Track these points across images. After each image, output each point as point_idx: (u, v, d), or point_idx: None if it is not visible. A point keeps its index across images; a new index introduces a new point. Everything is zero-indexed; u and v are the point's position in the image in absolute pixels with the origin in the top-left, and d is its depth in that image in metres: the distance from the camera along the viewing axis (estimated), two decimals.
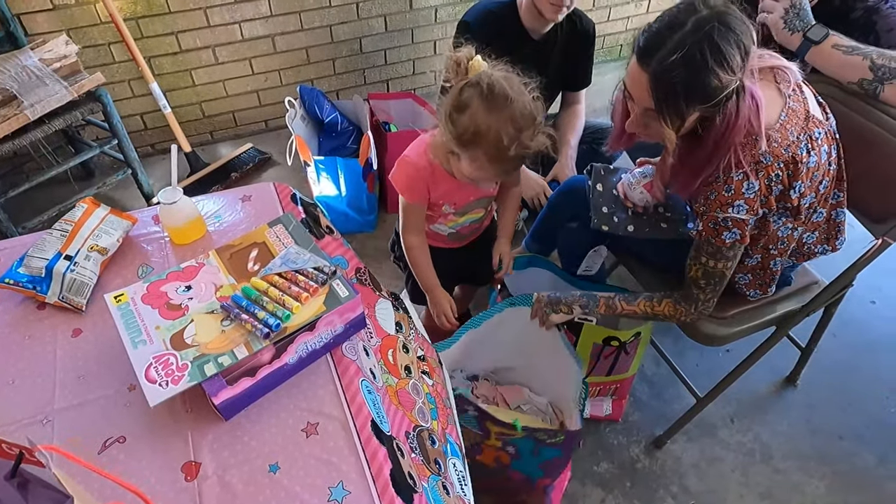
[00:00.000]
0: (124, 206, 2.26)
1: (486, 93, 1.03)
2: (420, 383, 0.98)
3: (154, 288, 0.90)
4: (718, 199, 1.08)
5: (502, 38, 1.82)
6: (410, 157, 1.23)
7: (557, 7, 1.67)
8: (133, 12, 2.09)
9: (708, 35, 0.92)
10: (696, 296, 1.21)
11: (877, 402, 1.71)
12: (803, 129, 1.09)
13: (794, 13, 1.27)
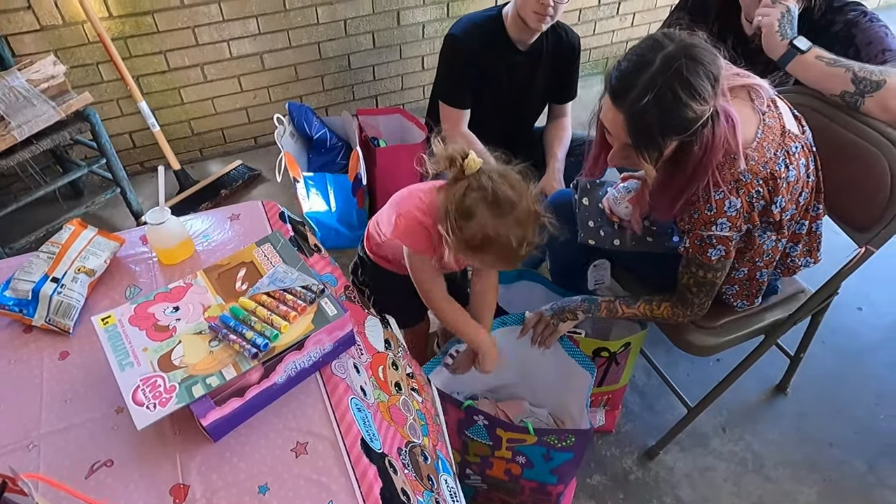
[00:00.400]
0: (113, 224, 2.26)
1: (492, 199, 1.00)
2: (410, 400, 0.99)
3: (141, 309, 0.90)
4: (701, 217, 1.09)
5: (490, 50, 1.86)
6: (415, 215, 1.14)
7: (541, 16, 1.71)
8: (121, 32, 2.10)
9: (677, 72, 0.94)
10: (690, 300, 1.24)
11: (865, 408, 1.72)
12: (780, 144, 1.10)
13: (787, 20, 1.30)
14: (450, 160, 1.02)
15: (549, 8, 1.69)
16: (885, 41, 1.35)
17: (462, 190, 1.01)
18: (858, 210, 1.28)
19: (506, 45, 1.87)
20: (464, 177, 1.02)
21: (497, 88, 1.95)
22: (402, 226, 1.14)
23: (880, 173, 1.23)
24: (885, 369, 1.82)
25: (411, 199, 1.18)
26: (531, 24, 1.74)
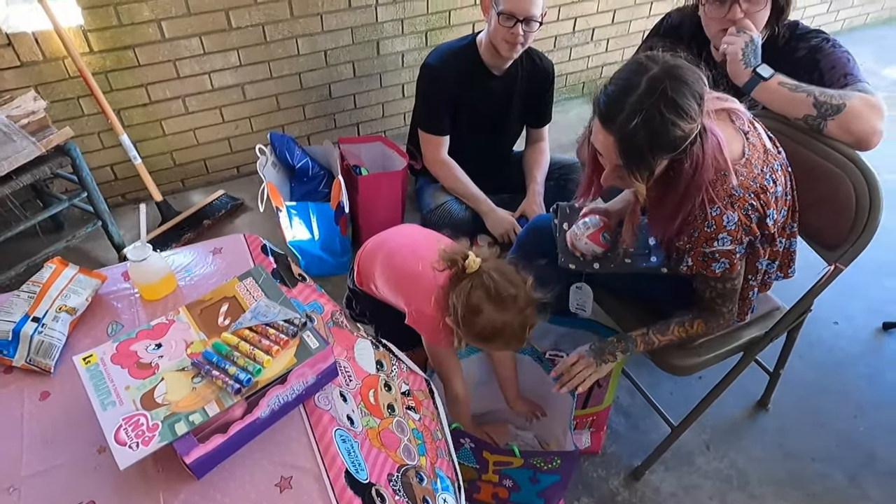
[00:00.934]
0: (95, 257, 2.25)
1: (494, 295, 1.10)
2: (405, 420, 0.99)
3: (124, 347, 0.90)
4: (701, 235, 1.12)
5: (465, 77, 1.91)
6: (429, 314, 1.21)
7: (512, 45, 1.77)
8: (102, 66, 2.12)
9: (663, 93, 0.97)
10: (719, 310, 1.27)
11: (845, 421, 1.75)
12: (765, 161, 1.15)
13: (751, 49, 1.36)
14: (451, 262, 1.11)
15: (519, 37, 1.75)
16: (846, 66, 1.41)
17: (467, 289, 1.10)
18: (826, 229, 1.32)
19: (481, 71, 1.92)
20: (466, 276, 1.11)
21: (474, 114, 2.00)
22: (420, 323, 1.25)
23: (845, 193, 1.28)
24: (863, 382, 1.85)
25: (419, 290, 1.23)
26: (503, 52, 1.80)
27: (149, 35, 2.12)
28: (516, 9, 1.72)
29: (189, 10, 2.11)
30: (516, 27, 1.75)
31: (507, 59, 1.88)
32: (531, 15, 1.74)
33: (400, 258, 1.31)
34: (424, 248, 1.28)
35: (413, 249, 1.30)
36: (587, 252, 1.41)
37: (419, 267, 1.23)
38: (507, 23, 1.74)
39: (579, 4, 2.83)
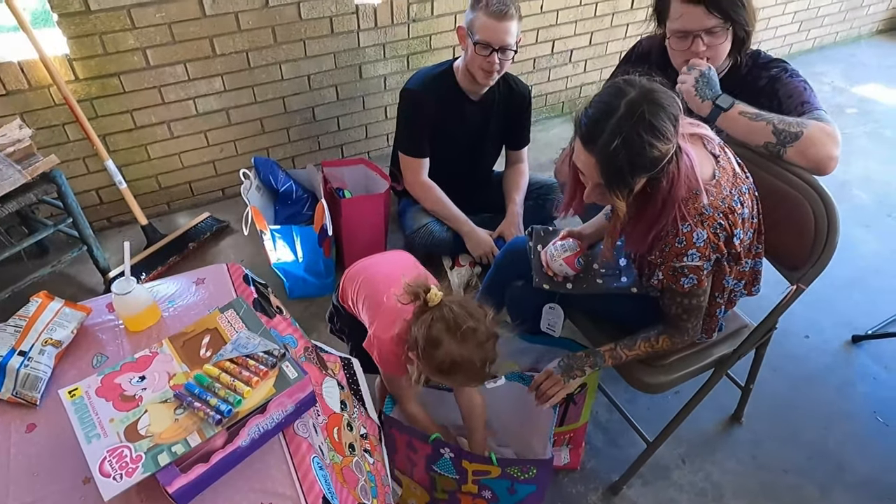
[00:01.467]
0: (80, 281, 2.26)
1: (454, 328, 1.12)
2: (363, 461, 1.03)
3: (108, 380, 0.93)
4: (672, 250, 1.18)
5: (444, 101, 1.97)
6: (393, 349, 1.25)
7: (488, 73, 1.84)
8: (87, 94, 2.15)
9: (641, 116, 1.03)
10: (684, 326, 1.32)
11: (816, 432, 1.80)
12: (733, 184, 1.21)
13: (703, 82, 1.42)
14: (414, 295, 1.14)
15: (495, 65, 1.82)
16: (803, 94, 1.48)
17: (428, 321, 1.12)
18: (788, 250, 1.38)
19: (459, 96, 1.98)
20: (428, 309, 1.13)
21: (453, 137, 2.06)
22: (379, 351, 1.29)
23: (804, 216, 1.34)
24: (833, 394, 1.91)
25: (381, 317, 1.28)
26: (479, 79, 1.87)
27: (134, 63, 2.16)
28: (491, 39, 1.79)
29: (174, 38, 2.16)
30: (492, 56, 1.81)
31: (483, 86, 1.95)
32: (506, 44, 1.81)
33: (374, 284, 1.36)
34: (397, 278, 1.31)
35: (389, 277, 1.35)
36: (561, 273, 1.46)
37: (386, 295, 1.27)
38: (483, 52, 1.81)
39: (557, 28, 2.91)
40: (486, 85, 1.92)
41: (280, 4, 2.25)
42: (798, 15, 3.73)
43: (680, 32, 1.45)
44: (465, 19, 1.86)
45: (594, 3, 2.92)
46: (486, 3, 1.77)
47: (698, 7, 1.39)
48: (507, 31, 1.79)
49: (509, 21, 1.78)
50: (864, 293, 2.24)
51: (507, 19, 1.77)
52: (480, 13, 1.78)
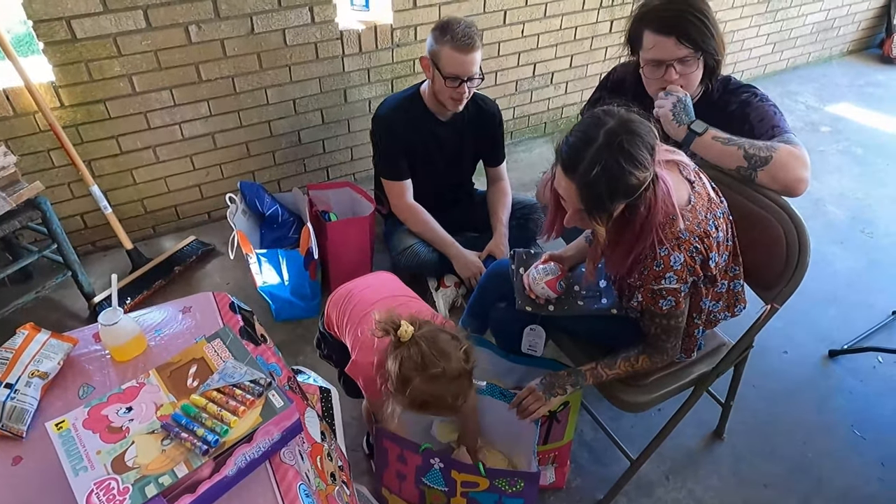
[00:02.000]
0: (64, 306, 2.25)
1: (422, 368, 1.13)
2: (342, 491, 1.04)
3: (95, 412, 0.94)
4: (650, 273, 1.21)
5: (414, 125, 2.04)
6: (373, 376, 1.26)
7: (458, 101, 1.91)
8: (73, 120, 2.16)
9: (619, 145, 1.08)
10: (663, 346, 1.35)
11: (795, 447, 1.84)
12: (708, 209, 1.25)
13: (680, 107, 1.48)
14: (384, 331, 1.16)
15: (465, 94, 1.88)
16: (774, 118, 1.53)
17: (399, 360, 1.14)
18: (762, 271, 1.43)
19: (428, 118, 2.05)
20: (400, 345, 1.15)
21: (427, 158, 2.11)
22: (359, 375, 1.31)
23: (776, 237, 1.38)
24: (810, 408, 1.95)
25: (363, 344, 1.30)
26: (450, 107, 1.95)
27: (120, 89, 2.17)
28: (460, 71, 1.86)
29: (160, 64, 2.18)
30: (461, 86, 1.88)
31: (454, 111, 2.01)
32: (473, 74, 1.88)
33: (359, 310, 1.38)
34: (383, 304, 1.34)
35: (373, 304, 1.37)
36: (543, 296, 1.49)
37: (368, 322, 1.29)
38: (452, 84, 1.87)
39: (538, 51, 2.98)
40: (457, 111, 1.99)
41: (265, 31, 2.29)
42: (771, 37, 3.84)
43: (653, 62, 1.50)
44: (428, 49, 1.91)
45: (574, 27, 3.00)
46: (451, 37, 1.82)
47: (670, 38, 1.45)
48: (473, 62, 1.86)
49: (475, 52, 1.85)
50: (839, 308, 2.30)
51: (473, 51, 1.84)
52: (446, 47, 1.83)
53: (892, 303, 2.30)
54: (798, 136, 1.48)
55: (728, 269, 1.36)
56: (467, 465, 1.38)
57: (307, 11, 2.32)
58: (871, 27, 4.33)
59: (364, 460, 1.72)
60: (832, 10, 3.98)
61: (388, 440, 1.39)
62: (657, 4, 1.48)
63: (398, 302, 1.40)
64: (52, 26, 1.96)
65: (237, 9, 2.19)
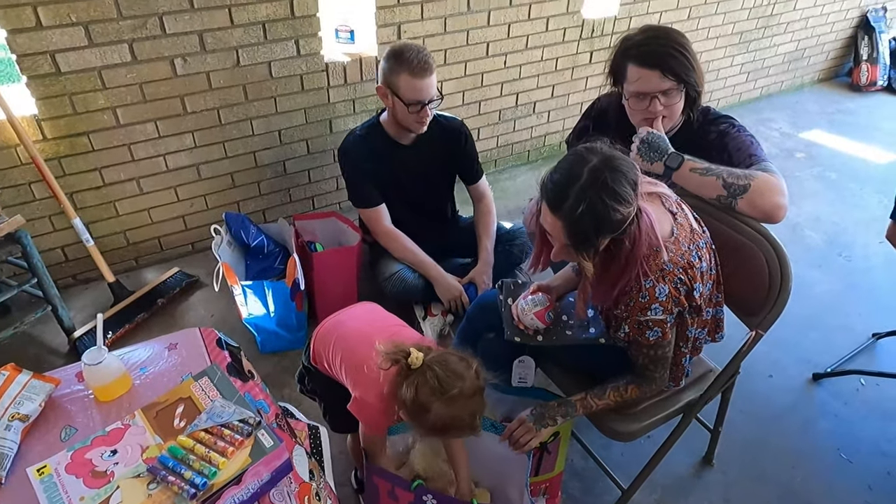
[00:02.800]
0: (43, 342, 2.21)
1: (440, 392, 1.14)
2: None
3: (78, 456, 0.92)
4: (636, 305, 1.22)
5: (376, 153, 2.07)
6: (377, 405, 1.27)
7: (423, 123, 1.97)
8: (55, 153, 2.15)
9: (603, 183, 1.10)
10: (651, 375, 1.36)
11: (785, 472, 1.85)
12: (691, 239, 1.27)
13: (644, 147, 1.52)
14: (394, 361, 1.16)
15: (427, 116, 1.92)
16: (750, 147, 1.57)
17: (414, 387, 1.14)
18: (745, 298, 1.45)
19: (390, 145, 2.09)
20: (412, 372, 1.15)
21: (398, 184, 2.14)
22: (362, 411, 1.29)
23: (758, 265, 1.41)
24: (797, 432, 1.97)
25: (365, 379, 1.27)
26: (415, 130, 2.00)
27: (104, 122, 2.17)
28: (421, 96, 1.90)
29: (145, 97, 2.18)
30: (424, 110, 1.92)
31: (417, 133, 2.04)
32: (433, 96, 1.92)
33: (349, 344, 1.36)
34: (376, 335, 1.33)
35: (365, 335, 1.35)
36: (532, 327, 1.49)
37: (367, 356, 1.27)
38: (415, 109, 1.90)
39: (520, 81, 3.04)
40: (421, 132, 2.02)
41: (251, 64, 2.30)
42: (745, 66, 3.96)
43: (638, 94, 1.54)
44: (381, 77, 1.93)
45: (555, 58, 3.07)
46: (406, 63, 1.85)
47: (654, 71, 1.49)
48: (431, 85, 1.91)
49: (432, 75, 1.89)
50: (820, 331, 2.34)
51: (430, 74, 1.89)
52: (403, 74, 1.86)
53: (871, 325, 2.34)
54: (774, 161, 1.52)
55: (712, 297, 1.38)
56: (460, 501, 1.37)
57: (293, 44, 2.35)
58: (840, 56, 4.49)
59: (352, 495, 1.68)
60: (802, 40, 4.12)
61: (379, 477, 1.37)
62: (640, 39, 1.52)
63: (391, 331, 1.39)
64: (37, 60, 1.96)
65: (223, 42, 2.21)
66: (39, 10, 1.89)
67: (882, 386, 2.12)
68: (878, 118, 4.07)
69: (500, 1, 2.71)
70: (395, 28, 2.53)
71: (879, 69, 4.31)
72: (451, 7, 2.61)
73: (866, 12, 4.28)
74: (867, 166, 3.50)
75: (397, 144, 2.08)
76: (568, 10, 2.93)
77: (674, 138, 1.55)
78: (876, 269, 2.66)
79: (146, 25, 2.05)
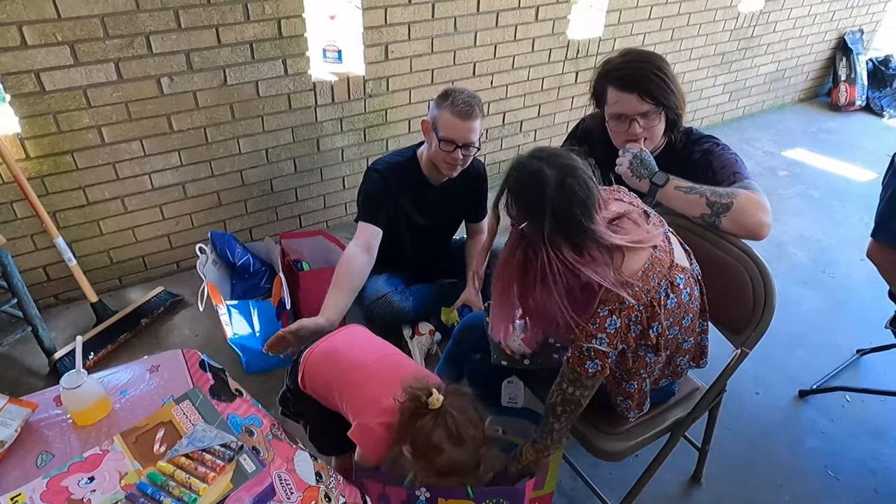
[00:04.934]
0: (23, 363, 2.16)
1: (456, 437, 1.15)
2: None
3: (54, 483, 0.89)
4: (585, 330, 1.18)
5: (406, 186, 2.03)
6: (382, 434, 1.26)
7: (452, 166, 1.90)
8: (38, 172, 2.13)
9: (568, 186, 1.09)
10: (551, 425, 1.31)
11: (773, 491, 1.84)
12: (665, 276, 1.21)
13: (637, 163, 1.53)
14: (414, 398, 1.16)
15: (459, 160, 1.88)
16: (734, 166, 1.59)
17: (430, 427, 1.14)
18: (730, 316, 1.46)
19: (421, 181, 2.05)
20: (428, 412, 1.15)
21: (413, 218, 2.11)
22: (363, 438, 1.26)
23: (743, 283, 1.42)
24: (785, 450, 1.97)
25: (366, 406, 1.27)
26: (444, 171, 1.94)
27: (88, 140, 2.15)
28: (456, 136, 1.84)
29: (130, 116, 2.17)
30: (456, 152, 1.87)
31: (447, 176, 2.01)
32: (470, 141, 1.87)
33: (345, 373, 1.34)
34: (374, 363, 1.32)
35: (363, 364, 1.34)
36: (518, 351, 1.49)
37: (368, 383, 1.27)
38: (447, 148, 1.86)
39: (507, 101, 3.07)
40: (450, 176, 1.98)
41: (238, 83, 2.31)
42: (727, 86, 4.04)
43: (617, 116, 1.56)
44: (430, 114, 1.92)
45: (541, 78, 3.10)
46: (451, 102, 1.83)
47: (632, 94, 1.51)
48: (471, 130, 1.85)
49: (474, 120, 1.84)
50: (806, 348, 2.35)
51: (471, 119, 1.83)
52: (446, 111, 1.84)
53: (855, 342, 2.36)
54: (758, 180, 1.54)
55: (695, 327, 1.36)
56: (454, 491, 1.34)
57: (280, 64, 2.35)
58: (819, 77, 4.59)
59: None
60: (782, 61, 4.21)
61: (369, 479, 1.35)
62: (619, 62, 1.55)
63: (392, 360, 1.40)
64: (21, 79, 1.95)
65: (210, 61, 2.21)
66: (24, 29, 1.88)
67: (867, 402, 2.13)
68: (858, 137, 4.15)
69: (486, 22, 2.75)
70: (382, 48, 2.55)
71: (857, 89, 4.41)
72: (437, 28, 2.64)
73: (844, 34, 4.39)
74: (849, 184, 3.56)
75: (427, 182, 2.05)
76: (553, 31, 2.98)
77: (657, 159, 1.57)
78: (859, 287, 2.69)
79: (133, 45, 2.05)
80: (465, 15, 2.67)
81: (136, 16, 2.01)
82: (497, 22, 2.78)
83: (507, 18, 2.80)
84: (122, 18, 2.00)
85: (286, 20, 2.28)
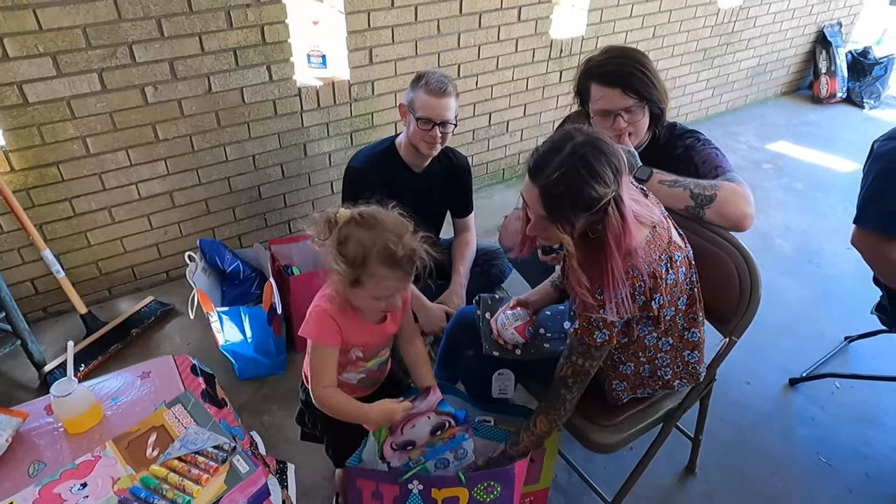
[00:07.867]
0: (12, 377, 2.15)
1: (359, 219, 1.19)
2: None
3: (47, 491, 0.89)
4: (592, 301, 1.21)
5: (387, 174, 2.05)
6: (319, 305, 1.28)
7: (431, 145, 1.94)
8: (24, 184, 2.12)
9: (582, 157, 1.11)
10: (563, 396, 1.33)
11: (765, 479, 1.86)
12: (665, 250, 1.26)
13: None
14: (327, 221, 1.20)
15: (437, 138, 1.92)
16: (716, 160, 1.61)
17: (338, 228, 1.19)
18: (717, 305, 1.47)
19: (402, 169, 2.07)
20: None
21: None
22: (312, 319, 1.27)
23: (729, 272, 1.44)
24: (776, 439, 1.99)
25: (318, 297, 1.31)
26: (423, 150, 1.97)
27: (73, 151, 2.15)
28: (432, 115, 1.89)
29: (115, 126, 2.17)
30: (433, 130, 1.92)
31: (426, 157, 2.04)
32: (446, 119, 1.92)
33: None
34: None
35: None
36: (511, 342, 1.50)
37: None
38: (425, 126, 1.91)
39: (492, 101, 3.09)
40: (430, 155, 2.01)
41: (223, 90, 2.31)
42: (710, 82, 4.08)
43: (601, 112, 1.58)
44: (406, 98, 1.96)
45: (525, 78, 3.13)
46: (426, 83, 1.89)
47: (615, 90, 1.53)
48: (446, 108, 1.90)
49: (448, 98, 1.90)
50: (794, 338, 2.38)
51: (445, 96, 1.89)
52: (421, 91, 1.89)
53: (841, 330, 2.39)
54: (742, 174, 1.56)
55: (696, 318, 1.38)
56: (447, 479, 1.34)
57: (265, 70, 2.36)
58: (800, 70, 4.65)
59: None
60: (763, 56, 4.26)
61: (362, 478, 1.34)
62: (601, 59, 1.57)
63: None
64: (3, 91, 1.94)
65: (194, 69, 2.21)
66: (6, 41, 1.88)
67: (856, 388, 2.16)
68: (839, 128, 4.21)
69: (469, 24, 2.77)
70: (366, 52, 2.56)
71: (838, 81, 4.46)
72: (421, 31, 2.65)
73: (822, 28, 4.45)
74: (832, 175, 3.61)
75: (408, 169, 2.07)
76: (536, 31, 3.00)
77: (642, 154, 1.59)
78: (845, 275, 2.72)
79: (116, 55, 2.05)
80: (448, 17, 2.69)
81: (119, 25, 2.01)
82: (480, 23, 2.80)
83: (490, 20, 2.82)
84: (104, 28, 2.00)
85: (269, 26, 2.28)
